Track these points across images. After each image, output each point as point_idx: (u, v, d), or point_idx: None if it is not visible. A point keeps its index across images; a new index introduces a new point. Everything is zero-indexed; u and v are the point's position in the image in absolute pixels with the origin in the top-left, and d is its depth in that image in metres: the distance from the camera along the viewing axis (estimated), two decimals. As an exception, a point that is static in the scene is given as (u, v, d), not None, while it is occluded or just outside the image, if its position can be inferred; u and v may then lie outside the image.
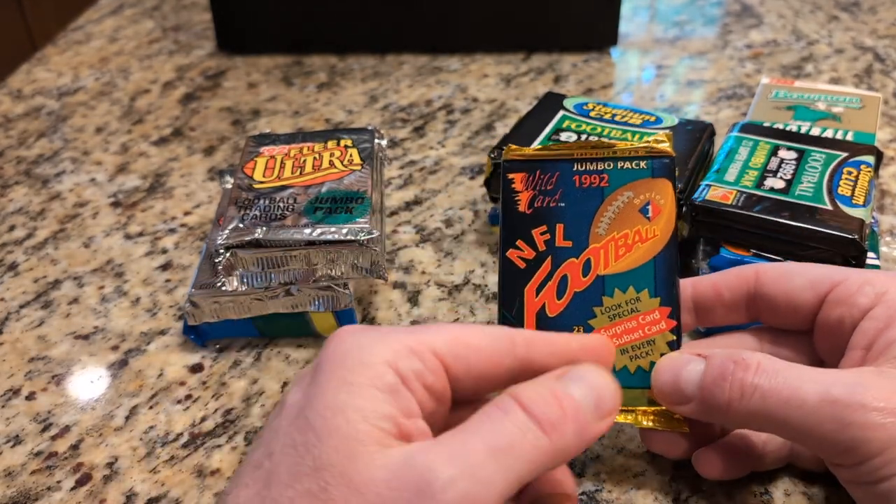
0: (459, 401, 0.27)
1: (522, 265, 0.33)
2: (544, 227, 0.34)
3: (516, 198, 0.34)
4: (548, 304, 0.33)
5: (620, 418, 0.32)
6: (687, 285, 0.35)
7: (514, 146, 0.35)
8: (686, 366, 0.30)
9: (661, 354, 0.32)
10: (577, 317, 0.33)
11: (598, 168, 0.34)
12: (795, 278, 0.33)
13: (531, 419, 0.24)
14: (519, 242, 0.34)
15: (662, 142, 0.34)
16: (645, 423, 0.32)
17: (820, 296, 0.32)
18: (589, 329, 0.32)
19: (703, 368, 0.30)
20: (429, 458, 0.23)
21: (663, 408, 0.31)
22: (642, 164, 0.34)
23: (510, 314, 0.33)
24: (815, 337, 0.33)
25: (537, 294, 0.33)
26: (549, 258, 0.33)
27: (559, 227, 0.34)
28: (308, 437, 0.24)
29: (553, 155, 0.35)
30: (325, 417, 0.24)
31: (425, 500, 0.22)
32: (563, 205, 0.34)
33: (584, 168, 0.34)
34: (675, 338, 0.32)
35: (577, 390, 0.26)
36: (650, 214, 0.33)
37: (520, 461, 0.24)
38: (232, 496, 0.24)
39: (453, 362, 0.26)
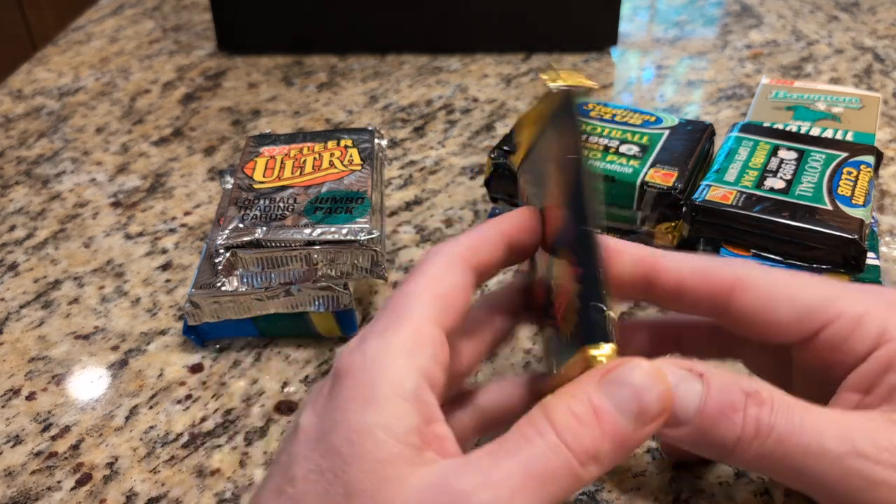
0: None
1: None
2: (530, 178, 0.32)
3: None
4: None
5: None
6: (641, 263, 0.29)
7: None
8: (680, 383, 0.25)
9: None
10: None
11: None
12: (780, 308, 0.28)
13: (563, 443, 0.23)
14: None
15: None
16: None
17: (807, 333, 0.28)
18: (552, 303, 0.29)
19: (703, 390, 0.25)
20: (463, 483, 0.23)
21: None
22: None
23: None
24: (794, 367, 0.30)
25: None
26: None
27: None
28: (335, 462, 0.23)
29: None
30: (352, 441, 0.23)
31: None
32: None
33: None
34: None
35: (618, 401, 0.24)
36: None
37: (555, 485, 0.23)
38: None
39: (445, 319, 0.26)
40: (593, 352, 0.24)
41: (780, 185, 0.42)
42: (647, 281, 0.29)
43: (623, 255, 0.29)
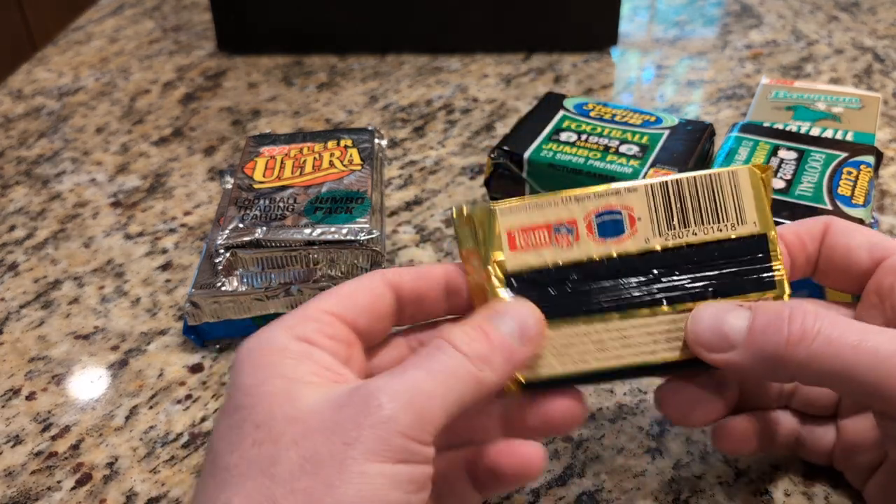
0: (368, 345, 0.30)
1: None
2: None
3: None
4: None
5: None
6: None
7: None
8: (730, 311, 0.28)
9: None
10: None
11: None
12: (857, 236, 0.31)
13: (462, 354, 0.26)
14: None
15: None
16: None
17: (875, 260, 0.31)
18: None
19: (752, 315, 0.28)
20: (372, 383, 0.25)
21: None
22: None
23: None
24: (860, 304, 0.32)
25: None
26: None
27: None
28: (241, 413, 0.25)
29: None
30: (251, 393, 0.25)
31: (371, 412, 0.24)
32: None
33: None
34: None
35: (503, 325, 0.27)
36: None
37: (458, 383, 0.25)
38: (192, 500, 0.25)
39: (342, 311, 0.28)
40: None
41: (780, 185, 0.42)
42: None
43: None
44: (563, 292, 0.29)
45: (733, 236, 0.30)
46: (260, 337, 0.27)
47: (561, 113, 0.49)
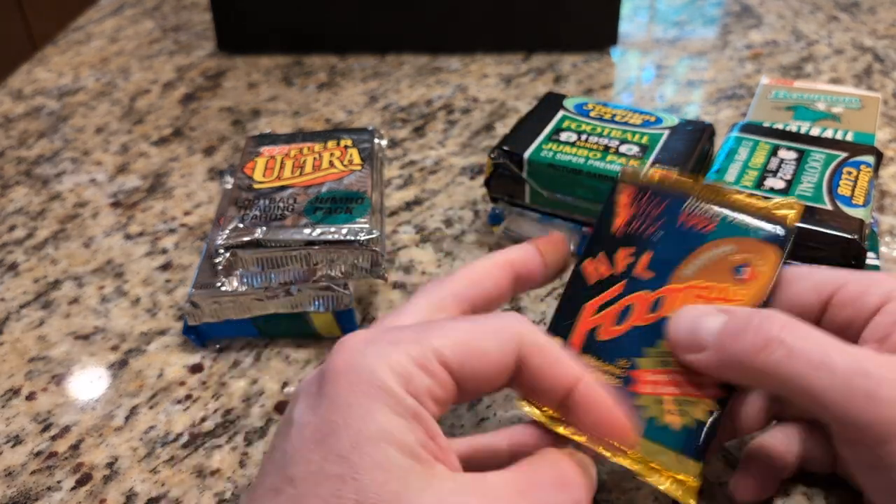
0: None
1: (592, 280, 0.32)
2: (631, 250, 0.32)
3: (615, 211, 0.33)
4: (601, 327, 0.31)
5: (632, 465, 0.29)
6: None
7: (635, 162, 0.34)
8: (707, 315, 0.29)
9: (697, 420, 0.29)
10: (627, 350, 0.31)
11: (709, 212, 0.32)
12: (797, 282, 0.32)
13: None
14: (601, 255, 0.32)
15: (788, 208, 0.32)
16: (653, 480, 0.29)
17: (823, 299, 0.31)
18: (634, 367, 0.30)
19: (726, 319, 0.29)
20: (486, 499, 0.24)
21: (682, 476, 0.29)
22: (757, 223, 0.31)
23: (562, 321, 0.32)
24: None
25: (596, 312, 0.31)
26: (623, 283, 0.32)
27: (646, 256, 0.32)
28: (343, 468, 0.23)
29: (671, 184, 0.33)
30: (360, 449, 0.23)
31: None
32: (659, 235, 0.32)
33: (694, 208, 0.32)
34: (718, 410, 0.29)
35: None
36: (744, 276, 0.31)
37: None
38: None
39: (460, 369, 0.26)
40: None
41: (780, 185, 0.42)
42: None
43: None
44: None
45: None
46: (372, 359, 0.25)
47: (561, 113, 0.49)
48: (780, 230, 0.31)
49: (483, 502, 0.24)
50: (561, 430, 0.29)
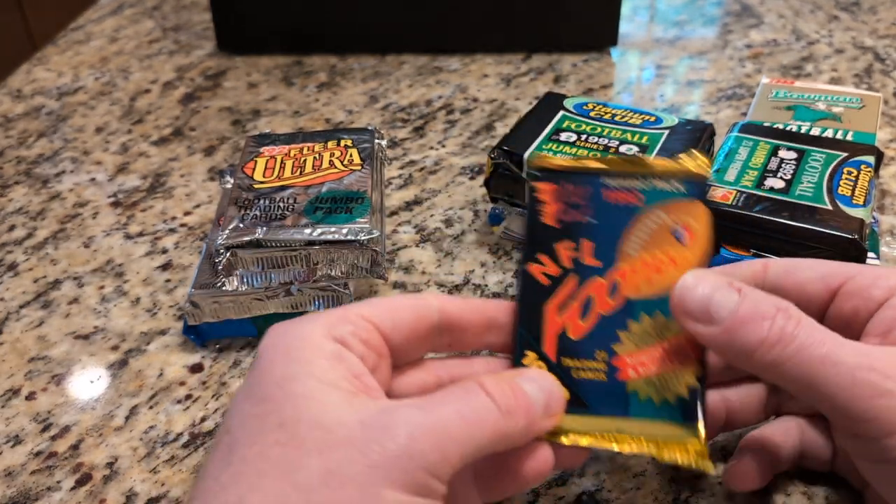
0: (396, 363, 0.30)
1: (545, 281, 0.32)
2: (571, 243, 0.32)
3: (542, 209, 0.33)
4: (570, 326, 0.31)
5: (642, 449, 0.29)
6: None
7: (544, 154, 0.34)
8: (720, 289, 0.29)
9: (688, 387, 0.30)
10: (601, 341, 0.31)
11: (631, 185, 0.32)
12: (805, 271, 0.32)
13: (492, 401, 0.26)
14: (541, 257, 0.32)
15: (697, 162, 0.32)
16: (667, 456, 0.29)
17: (831, 289, 0.31)
18: (613, 355, 0.30)
19: (738, 299, 0.28)
20: (404, 409, 0.25)
21: (689, 443, 0.29)
22: (677, 184, 0.32)
23: (529, 333, 0.31)
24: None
25: (559, 313, 0.31)
26: (575, 276, 0.32)
27: (586, 244, 0.32)
28: (266, 406, 0.25)
29: (584, 168, 0.33)
30: (281, 386, 0.25)
31: (400, 441, 0.24)
32: (591, 220, 0.32)
33: (615, 184, 0.32)
34: (703, 371, 0.30)
35: (530, 388, 0.28)
36: (683, 239, 0.31)
37: (482, 431, 0.26)
38: (199, 480, 0.25)
39: (381, 321, 0.28)
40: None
41: (780, 184, 0.42)
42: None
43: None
44: None
45: None
46: (294, 327, 0.27)
47: (561, 113, 0.49)
48: (698, 185, 0.32)
49: (393, 419, 0.25)
50: (563, 439, 0.29)
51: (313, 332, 0.27)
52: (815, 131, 0.49)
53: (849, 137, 0.48)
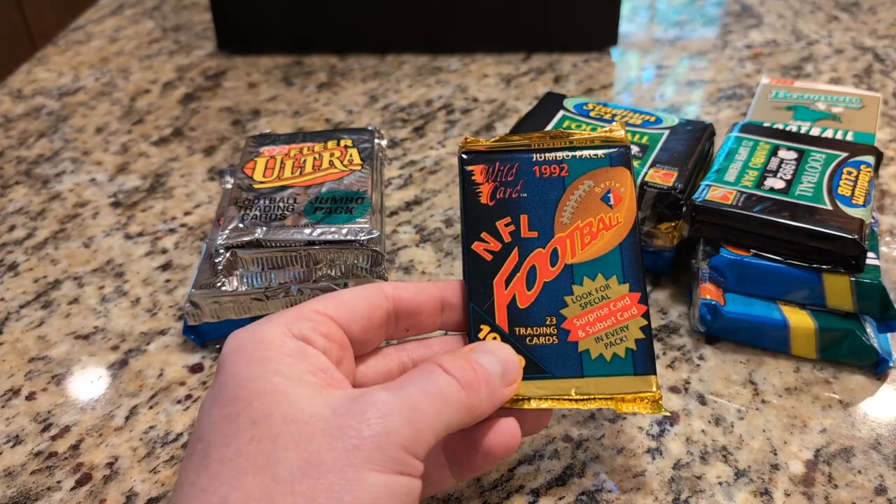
0: (358, 353, 0.31)
1: (489, 257, 0.34)
2: (508, 219, 0.34)
3: (477, 190, 0.35)
4: (518, 296, 0.33)
5: (602, 404, 0.31)
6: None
7: (470, 138, 0.36)
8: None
9: (636, 340, 0.32)
10: (548, 307, 0.33)
11: (557, 158, 0.35)
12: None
13: (453, 378, 0.27)
14: (484, 235, 0.34)
15: (618, 131, 0.35)
16: (626, 409, 0.31)
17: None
18: (562, 319, 0.32)
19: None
20: (373, 394, 0.26)
21: (644, 393, 0.31)
22: (600, 153, 0.34)
23: (481, 308, 0.33)
24: None
25: (507, 286, 0.33)
26: (516, 249, 0.33)
27: (523, 218, 0.34)
28: (236, 406, 0.25)
29: (511, 146, 0.35)
30: (248, 387, 0.26)
31: (373, 423, 0.25)
32: (525, 195, 0.34)
33: (542, 158, 0.35)
34: (646, 322, 0.32)
35: (486, 360, 0.29)
36: (612, 202, 0.34)
37: (449, 408, 0.27)
38: (177, 489, 0.25)
39: (336, 314, 0.29)
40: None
41: (780, 185, 0.42)
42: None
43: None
44: None
45: None
46: (255, 330, 0.28)
47: (561, 113, 0.49)
48: (621, 151, 0.34)
49: (364, 403, 0.25)
50: (526, 405, 0.31)
51: (274, 333, 0.27)
52: (815, 131, 0.49)
53: (849, 137, 0.48)
